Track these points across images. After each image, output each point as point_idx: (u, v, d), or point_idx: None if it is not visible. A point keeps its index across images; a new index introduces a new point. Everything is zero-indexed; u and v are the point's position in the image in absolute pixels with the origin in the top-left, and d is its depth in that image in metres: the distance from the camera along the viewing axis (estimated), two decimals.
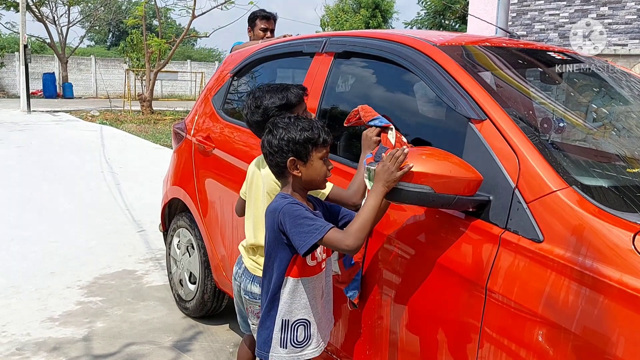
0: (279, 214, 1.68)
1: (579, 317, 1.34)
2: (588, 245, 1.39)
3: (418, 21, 31.33)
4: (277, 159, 1.73)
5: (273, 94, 2.03)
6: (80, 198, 6.56)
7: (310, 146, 1.71)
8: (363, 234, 1.62)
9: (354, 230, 1.62)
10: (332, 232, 1.63)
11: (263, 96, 2.04)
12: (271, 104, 2.01)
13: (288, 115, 1.82)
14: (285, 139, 1.70)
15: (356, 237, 1.61)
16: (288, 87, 2.06)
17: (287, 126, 1.73)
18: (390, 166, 1.58)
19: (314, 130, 1.72)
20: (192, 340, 3.18)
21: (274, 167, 1.78)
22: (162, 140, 11.91)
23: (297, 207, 1.68)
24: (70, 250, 4.65)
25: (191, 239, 3.34)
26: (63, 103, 22.91)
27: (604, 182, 1.61)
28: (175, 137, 3.70)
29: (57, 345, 3.06)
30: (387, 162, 1.60)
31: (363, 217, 1.62)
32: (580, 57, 2.53)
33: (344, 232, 1.63)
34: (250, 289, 2.10)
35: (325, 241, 1.63)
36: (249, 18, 4.62)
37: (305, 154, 1.71)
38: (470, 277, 1.60)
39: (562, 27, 8.76)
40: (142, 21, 18.48)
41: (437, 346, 1.71)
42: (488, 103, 1.75)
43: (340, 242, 1.63)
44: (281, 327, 1.78)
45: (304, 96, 2.08)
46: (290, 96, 2.03)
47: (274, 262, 1.77)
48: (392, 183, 1.59)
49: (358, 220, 1.63)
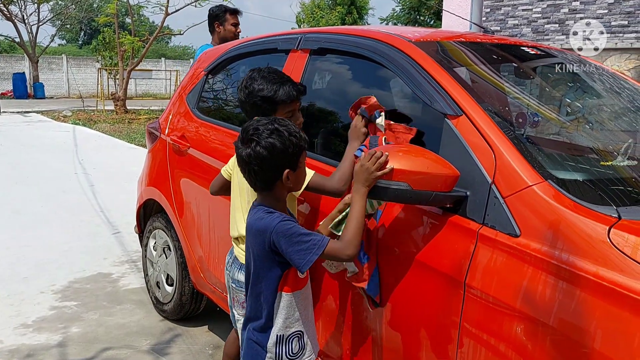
0: (271, 234, 1.62)
1: (557, 310, 1.35)
2: (564, 239, 1.39)
3: (394, 17, 31.48)
4: (270, 175, 1.66)
5: (266, 83, 1.95)
6: (54, 200, 6.43)
7: (300, 153, 1.68)
8: (359, 239, 1.62)
9: (350, 237, 1.61)
10: (330, 244, 1.61)
11: (256, 80, 1.96)
12: (258, 91, 1.95)
13: (263, 119, 1.72)
14: (280, 152, 1.63)
15: (355, 245, 1.62)
16: (284, 82, 1.97)
17: (274, 135, 1.63)
18: (369, 166, 1.57)
19: (299, 135, 1.68)
20: (171, 343, 3.14)
21: (262, 183, 1.69)
22: (136, 140, 11.75)
23: (288, 224, 1.62)
24: (43, 254, 4.55)
25: (167, 240, 3.29)
26: (34, 103, 22.43)
27: (579, 176, 1.62)
28: (149, 136, 3.64)
29: (31, 352, 2.99)
30: (365, 162, 1.59)
31: (355, 223, 1.62)
32: (553, 51, 2.56)
33: (341, 242, 1.62)
34: (237, 277, 2.06)
35: (326, 254, 1.61)
36: (214, 14, 4.35)
37: (296, 162, 1.68)
38: (449, 273, 1.60)
39: (535, 22, 8.87)
40: (114, 19, 18.17)
41: (418, 343, 1.70)
42: (463, 99, 1.75)
43: (341, 253, 1.61)
44: (276, 342, 1.73)
45: (297, 97, 2.00)
46: (280, 93, 1.95)
47: (262, 280, 1.71)
48: (372, 182, 1.58)
49: (351, 227, 1.62)
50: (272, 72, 2.02)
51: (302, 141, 1.69)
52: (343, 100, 2.49)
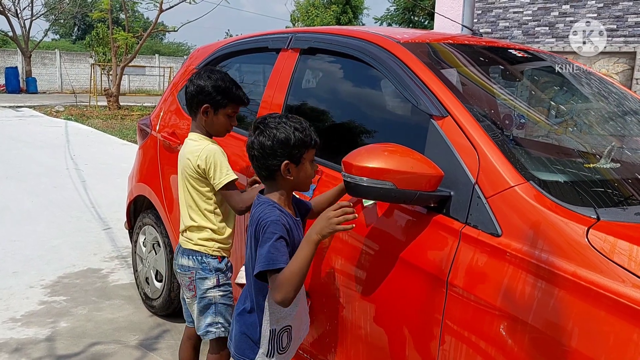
0: (259, 226, 1.63)
1: (536, 309, 1.37)
2: (544, 239, 1.42)
3: (388, 17, 31.51)
4: (269, 162, 1.67)
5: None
6: (44, 196, 6.41)
7: (304, 149, 1.68)
8: (291, 287, 1.55)
9: (280, 283, 1.56)
10: (278, 274, 1.57)
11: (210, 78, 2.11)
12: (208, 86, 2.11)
13: (277, 114, 1.76)
14: (280, 141, 1.65)
15: (285, 292, 1.55)
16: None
17: (280, 127, 1.66)
18: (333, 216, 1.58)
19: (307, 131, 1.68)
20: (159, 338, 3.15)
21: (264, 170, 1.71)
22: (129, 136, 11.72)
23: (278, 228, 1.61)
24: (33, 249, 4.54)
25: (157, 236, 3.30)
26: (27, 98, 22.30)
27: (561, 177, 1.65)
28: (140, 133, 3.64)
29: (19, 346, 3.00)
30: (331, 212, 1.60)
31: (291, 270, 1.56)
32: (541, 55, 2.59)
33: (273, 283, 1.58)
34: (180, 262, 2.20)
35: (269, 277, 1.60)
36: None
37: (298, 157, 1.68)
38: (432, 271, 1.62)
39: (526, 24, 8.93)
40: (108, 14, 18.09)
41: (401, 340, 1.73)
42: (449, 100, 1.78)
43: (272, 292, 1.59)
44: (269, 338, 1.73)
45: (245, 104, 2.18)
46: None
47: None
48: (327, 234, 1.58)
49: (287, 272, 1.56)
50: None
51: (308, 138, 1.68)
52: (332, 99, 2.52)
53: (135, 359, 2.92)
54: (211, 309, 2.17)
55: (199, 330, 2.20)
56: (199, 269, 2.15)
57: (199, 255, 2.16)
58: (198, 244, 2.16)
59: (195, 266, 2.16)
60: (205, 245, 2.16)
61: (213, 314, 2.17)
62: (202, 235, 2.16)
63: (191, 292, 2.20)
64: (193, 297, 2.21)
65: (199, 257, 2.16)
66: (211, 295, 2.16)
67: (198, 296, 2.18)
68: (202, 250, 2.16)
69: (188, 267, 2.17)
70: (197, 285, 2.17)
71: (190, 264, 2.16)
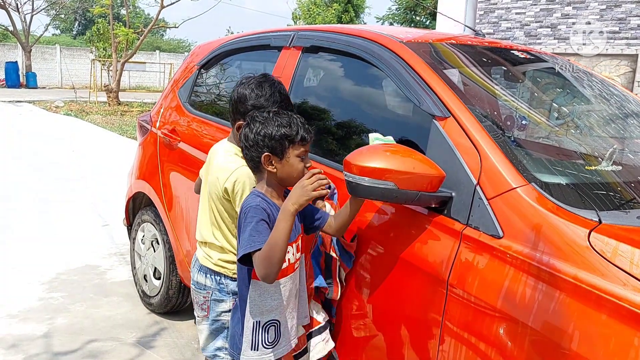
0: (242, 211, 1.67)
1: (536, 311, 1.37)
2: (545, 241, 1.41)
3: (390, 16, 31.49)
4: (252, 153, 1.71)
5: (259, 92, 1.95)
6: (43, 191, 6.40)
7: (287, 143, 1.68)
8: (272, 260, 1.56)
9: (262, 258, 1.57)
10: (256, 254, 1.58)
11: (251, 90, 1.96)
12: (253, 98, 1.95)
13: (268, 109, 1.77)
14: (262, 134, 1.67)
15: (267, 265, 1.56)
16: None
17: (265, 121, 1.69)
18: (307, 183, 1.59)
19: (292, 126, 1.68)
20: (157, 336, 3.15)
21: (250, 161, 1.75)
22: (128, 133, 11.70)
23: (258, 212, 1.63)
24: (31, 245, 4.53)
25: (156, 233, 3.29)
26: (26, 93, 22.27)
27: (563, 179, 1.65)
28: (140, 129, 3.63)
29: (16, 342, 2.99)
30: (305, 179, 1.61)
31: (271, 243, 1.56)
32: (543, 56, 2.58)
33: (256, 261, 1.59)
34: (196, 278, 2.08)
35: (253, 258, 1.60)
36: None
37: (280, 151, 1.68)
38: (432, 272, 1.61)
39: (528, 25, 8.92)
40: (109, 10, 18.07)
41: (400, 340, 1.72)
42: (452, 100, 1.77)
43: (256, 269, 1.60)
44: (252, 330, 1.73)
45: None
46: None
47: None
48: (304, 203, 1.59)
49: (266, 247, 1.57)
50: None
51: (293, 133, 1.68)
52: (334, 98, 2.51)
53: (133, 356, 2.91)
54: (223, 333, 2.05)
55: (206, 352, 2.09)
56: (215, 290, 2.04)
57: (217, 275, 2.03)
58: (218, 264, 2.04)
59: (212, 286, 2.04)
60: (226, 267, 2.04)
61: (224, 339, 2.05)
62: (223, 257, 2.03)
63: (203, 312, 2.08)
64: (205, 317, 2.08)
65: (218, 277, 2.03)
66: (225, 319, 2.03)
67: (211, 318, 2.06)
68: (222, 271, 2.03)
69: (205, 285, 2.05)
70: (211, 307, 2.06)
71: (208, 283, 2.05)
